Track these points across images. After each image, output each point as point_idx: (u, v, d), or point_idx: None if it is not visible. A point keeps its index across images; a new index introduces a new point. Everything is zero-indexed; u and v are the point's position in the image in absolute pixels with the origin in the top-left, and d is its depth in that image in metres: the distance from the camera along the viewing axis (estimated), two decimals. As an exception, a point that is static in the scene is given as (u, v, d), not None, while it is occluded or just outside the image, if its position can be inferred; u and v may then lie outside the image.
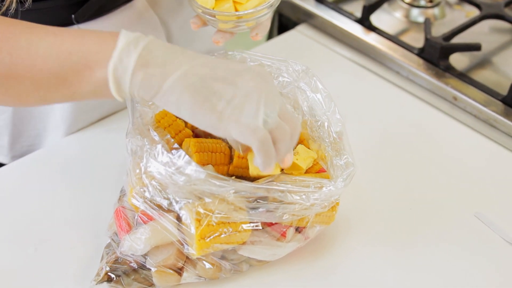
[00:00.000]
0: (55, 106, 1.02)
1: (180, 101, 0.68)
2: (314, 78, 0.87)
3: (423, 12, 1.35)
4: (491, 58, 1.24)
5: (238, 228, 0.77)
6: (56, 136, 1.05)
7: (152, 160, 0.75)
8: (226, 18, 0.84)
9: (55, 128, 1.04)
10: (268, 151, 0.69)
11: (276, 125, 0.70)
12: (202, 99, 0.68)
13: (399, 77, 1.21)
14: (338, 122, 0.84)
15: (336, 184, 0.79)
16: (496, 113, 1.09)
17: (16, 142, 1.05)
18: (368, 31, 1.27)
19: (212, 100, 0.68)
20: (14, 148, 1.05)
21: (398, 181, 1.00)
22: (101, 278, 0.80)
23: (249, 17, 0.84)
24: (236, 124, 0.68)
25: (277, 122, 0.70)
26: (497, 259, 0.89)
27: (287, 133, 0.71)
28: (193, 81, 0.68)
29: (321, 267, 0.86)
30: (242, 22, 0.85)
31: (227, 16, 0.84)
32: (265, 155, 0.70)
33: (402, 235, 0.91)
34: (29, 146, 1.06)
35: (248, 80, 0.69)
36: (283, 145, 0.71)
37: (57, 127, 1.04)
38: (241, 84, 0.69)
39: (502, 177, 1.02)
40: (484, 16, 1.28)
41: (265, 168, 0.71)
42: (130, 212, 0.82)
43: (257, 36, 0.87)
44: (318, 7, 1.33)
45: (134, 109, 0.82)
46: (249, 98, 0.69)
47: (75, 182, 0.97)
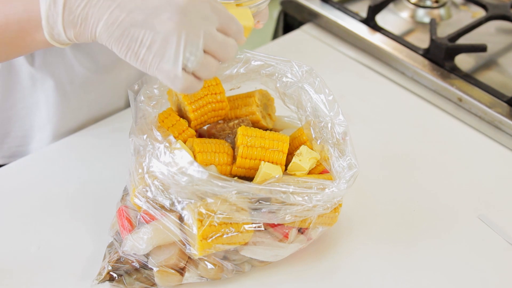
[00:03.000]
0: (40, 107, 1.02)
1: (110, 47, 0.71)
2: (318, 79, 0.86)
3: (428, 13, 1.34)
4: (496, 59, 1.24)
5: (240, 228, 0.77)
6: (43, 136, 1.05)
7: (155, 160, 0.75)
8: (226, 7, 0.84)
9: (41, 128, 1.04)
10: (193, 91, 0.71)
11: (199, 65, 0.69)
12: (125, 48, 0.69)
13: (404, 78, 1.21)
14: (342, 123, 0.84)
15: (339, 186, 0.78)
16: (501, 115, 1.08)
17: (3, 142, 1.05)
18: (374, 31, 1.27)
19: (134, 48, 0.69)
20: (2, 148, 1.06)
21: (402, 183, 1.00)
22: (103, 277, 0.80)
23: (248, 4, 0.84)
24: (158, 72, 0.69)
25: (199, 62, 0.69)
26: (501, 261, 0.89)
27: (212, 68, 0.70)
28: (113, 31, 0.69)
29: (324, 268, 0.86)
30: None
31: (228, 3, 0.84)
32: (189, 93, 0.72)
33: (405, 236, 0.91)
34: (17, 146, 1.06)
35: (166, 21, 0.67)
36: (210, 78, 0.72)
37: (43, 127, 1.04)
38: (159, 26, 0.67)
39: (507, 179, 1.02)
40: (490, 17, 1.27)
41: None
42: (132, 212, 0.82)
43: (259, 24, 0.87)
44: (323, 7, 1.33)
45: (137, 108, 0.82)
46: (167, 42, 0.67)
47: (78, 181, 0.97)
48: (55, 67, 0.99)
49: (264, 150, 0.82)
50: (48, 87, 1.00)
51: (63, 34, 0.71)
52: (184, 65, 0.68)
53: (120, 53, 0.70)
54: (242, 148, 0.82)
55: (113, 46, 0.70)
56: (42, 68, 0.98)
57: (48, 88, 1.00)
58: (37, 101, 1.01)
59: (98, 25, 0.69)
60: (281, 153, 0.83)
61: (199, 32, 0.68)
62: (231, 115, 0.92)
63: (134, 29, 0.68)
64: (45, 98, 1.01)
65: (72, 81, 1.01)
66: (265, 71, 0.89)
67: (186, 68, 0.69)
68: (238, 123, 0.89)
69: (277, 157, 0.82)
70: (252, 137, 0.83)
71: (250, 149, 0.82)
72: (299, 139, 0.87)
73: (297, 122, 0.92)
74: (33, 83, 1.00)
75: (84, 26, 0.70)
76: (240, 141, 0.82)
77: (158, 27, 0.68)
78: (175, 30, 0.67)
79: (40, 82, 0.99)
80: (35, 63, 0.97)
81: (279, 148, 0.83)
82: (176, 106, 0.90)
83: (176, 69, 0.68)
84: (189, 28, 0.68)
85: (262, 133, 0.84)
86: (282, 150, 0.83)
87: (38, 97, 1.01)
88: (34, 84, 1.00)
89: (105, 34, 0.69)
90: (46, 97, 1.01)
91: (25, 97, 1.01)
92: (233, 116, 0.92)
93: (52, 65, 0.98)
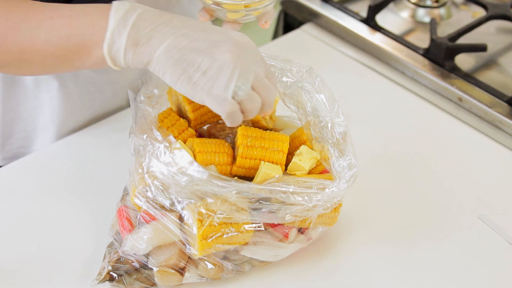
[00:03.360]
0: (44, 108, 1.02)
1: (163, 72, 0.74)
2: (318, 79, 0.86)
3: (429, 12, 1.34)
4: (497, 59, 1.24)
5: (240, 228, 0.77)
6: (46, 138, 1.05)
7: (155, 160, 0.75)
8: (235, 7, 0.85)
9: (44, 129, 1.04)
10: (234, 120, 0.75)
11: (247, 96, 0.73)
12: (180, 70, 0.73)
13: (404, 78, 1.21)
14: (342, 123, 0.84)
15: (339, 186, 0.78)
16: (501, 115, 1.08)
17: (5, 143, 1.05)
18: (374, 31, 1.27)
19: (189, 72, 0.73)
20: (4, 149, 1.06)
21: (402, 183, 1.00)
22: (103, 277, 0.80)
23: (257, 5, 0.85)
24: (207, 95, 0.73)
25: (248, 94, 0.73)
26: (501, 261, 0.89)
27: (257, 104, 0.75)
28: (173, 54, 0.73)
29: (324, 268, 0.86)
30: (250, 11, 0.86)
31: (236, 5, 0.85)
32: (231, 123, 0.75)
33: (405, 236, 0.91)
34: (19, 148, 1.06)
35: (225, 52, 0.72)
36: (251, 115, 0.76)
37: (46, 128, 1.04)
38: (218, 55, 0.72)
39: (507, 179, 1.02)
40: (491, 16, 1.27)
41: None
42: (132, 212, 0.82)
43: (266, 24, 0.90)
44: (323, 7, 1.33)
45: (137, 108, 0.82)
46: (223, 70, 0.72)
47: (78, 181, 0.97)
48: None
49: (264, 150, 0.82)
50: (52, 87, 1.00)
51: (122, 50, 0.74)
52: (234, 93, 0.72)
53: (173, 76, 0.73)
54: (242, 148, 0.82)
55: (168, 69, 0.73)
56: None
57: (52, 89, 1.00)
58: (41, 102, 1.02)
59: (161, 46, 0.73)
60: (281, 153, 0.82)
61: (251, 69, 0.74)
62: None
63: (194, 54, 0.73)
64: (49, 99, 1.01)
65: (76, 82, 1.02)
66: (265, 71, 0.89)
67: (235, 97, 0.73)
68: (238, 123, 0.89)
69: (277, 157, 0.82)
70: (252, 137, 0.83)
71: (250, 149, 0.82)
72: (299, 139, 0.87)
73: (297, 122, 0.92)
74: (37, 84, 1.00)
75: (146, 46, 0.74)
76: (240, 141, 0.82)
77: (216, 56, 0.72)
78: (232, 61, 0.72)
79: (44, 83, 1.00)
80: None
81: (279, 148, 0.82)
82: (176, 106, 0.90)
83: (227, 93, 0.72)
84: (243, 63, 0.73)
85: (262, 133, 0.84)
86: (282, 150, 0.83)
87: (42, 98, 1.01)
88: (38, 85, 1.00)
89: (164, 56, 0.73)
90: (50, 98, 1.01)
91: (28, 98, 1.01)
92: (233, 116, 0.91)
93: None
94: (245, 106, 0.74)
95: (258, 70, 0.75)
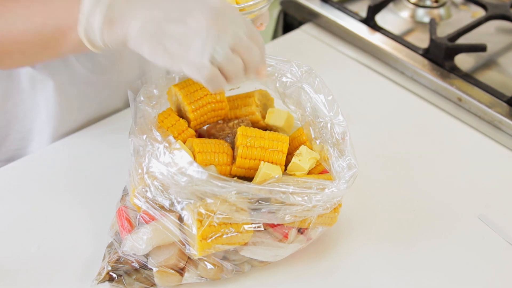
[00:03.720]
0: (40, 108, 1.02)
1: (141, 47, 0.73)
2: (317, 79, 0.86)
3: (428, 12, 1.34)
4: (496, 59, 1.24)
5: (240, 229, 0.77)
6: (42, 139, 1.04)
7: (154, 160, 0.75)
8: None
9: (40, 130, 1.04)
10: (216, 85, 0.73)
11: (225, 59, 0.72)
12: (156, 43, 0.72)
13: (403, 78, 1.21)
14: (341, 123, 0.84)
15: (338, 186, 0.78)
16: (501, 115, 1.08)
17: (1, 145, 1.05)
18: (373, 31, 1.27)
19: (165, 43, 0.72)
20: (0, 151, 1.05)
21: (401, 183, 1.00)
22: (102, 278, 0.80)
23: (251, 9, 0.85)
24: (185, 64, 0.72)
25: (227, 57, 0.72)
26: (501, 261, 0.89)
27: (238, 66, 0.73)
28: (149, 28, 0.72)
29: (323, 268, 0.86)
30: (245, 14, 0.86)
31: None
32: (213, 88, 0.74)
33: (405, 236, 0.91)
34: (15, 150, 1.06)
35: (200, 18, 0.71)
36: (235, 77, 0.74)
37: (42, 129, 1.04)
38: (191, 22, 0.71)
39: (507, 179, 1.02)
40: (490, 16, 1.27)
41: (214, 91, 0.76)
42: (132, 212, 0.82)
43: (262, 26, 0.90)
44: (323, 7, 1.33)
45: (137, 109, 0.82)
46: (198, 36, 0.71)
47: (78, 182, 0.97)
48: (55, 68, 0.98)
49: (263, 150, 0.82)
50: (49, 88, 1.00)
51: (98, 32, 0.74)
52: (211, 57, 0.71)
53: (150, 49, 0.73)
54: (241, 148, 0.82)
55: (145, 43, 0.73)
56: (43, 70, 0.98)
57: (49, 89, 1.00)
58: (37, 102, 1.01)
59: (135, 22, 0.73)
60: (280, 153, 0.83)
61: (228, 31, 0.72)
62: (231, 115, 0.92)
63: (168, 25, 0.72)
64: (45, 100, 1.01)
65: (73, 82, 1.01)
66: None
67: (213, 61, 0.71)
68: (238, 123, 0.89)
69: (276, 157, 0.82)
70: (252, 137, 0.83)
71: (250, 149, 0.82)
72: (298, 139, 0.87)
73: (296, 122, 0.92)
74: (33, 85, 0.99)
75: (121, 23, 0.73)
76: (240, 141, 0.83)
77: (190, 23, 0.71)
78: (206, 25, 0.71)
79: (40, 83, 0.99)
80: (36, 65, 0.97)
81: (278, 148, 0.83)
82: (176, 106, 0.90)
83: (203, 58, 0.71)
84: (219, 26, 0.71)
85: (261, 133, 0.84)
86: (281, 150, 0.83)
87: (38, 98, 1.01)
88: (34, 85, 0.99)
89: (141, 31, 0.72)
90: (46, 98, 1.00)
91: (25, 99, 1.01)
92: (233, 116, 0.92)
93: (53, 66, 0.98)
94: (225, 69, 0.73)
95: (237, 30, 0.73)
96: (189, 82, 0.87)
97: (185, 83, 0.88)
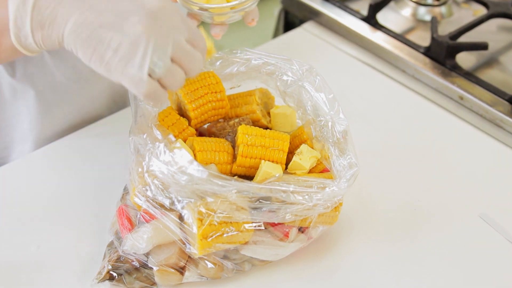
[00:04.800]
0: (21, 118, 1.00)
1: (76, 51, 0.69)
2: (318, 77, 0.86)
3: (430, 11, 1.34)
4: (498, 58, 1.23)
5: (240, 228, 0.77)
6: (24, 148, 1.03)
7: (155, 159, 0.75)
8: (221, 10, 0.86)
9: (22, 140, 1.02)
10: (156, 100, 0.70)
11: (166, 71, 0.68)
12: (91, 50, 0.68)
13: (405, 76, 1.20)
14: (342, 122, 0.84)
15: (339, 185, 0.78)
16: (503, 113, 1.08)
17: None
18: (375, 30, 1.27)
19: (100, 50, 0.67)
20: None
21: (402, 181, 0.99)
22: (103, 277, 0.80)
23: (242, 5, 0.86)
24: (122, 76, 0.67)
25: (167, 68, 0.68)
26: (502, 260, 0.89)
27: (178, 77, 0.70)
28: (81, 31, 0.67)
29: (324, 267, 0.86)
30: (236, 12, 0.86)
31: (222, 8, 0.85)
32: (154, 103, 0.72)
33: (406, 235, 0.91)
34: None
35: (136, 24, 0.66)
36: (175, 87, 0.70)
37: (24, 138, 1.02)
38: (128, 29, 0.66)
39: (508, 178, 1.01)
40: (492, 15, 1.27)
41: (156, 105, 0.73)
42: (132, 211, 0.82)
43: (253, 22, 0.88)
44: (324, 5, 1.33)
45: (137, 107, 0.82)
46: (135, 46, 0.66)
47: (78, 181, 0.97)
48: (36, 78, 0.97)
49: (264, 149, 0.82)
50: (29, 97, 0.98)
51: (30, 37, 0.70)
52: (150, 71, 0.67)
53: (85, 56, 0.69)
54: (242, 147, 0.82)
55: (79, 48, 0.68)
56: (23, 79, 0.96)
57: (29, 99, 0.98)
58: (18, 112, 1.00)
59: (67, 25, 0.68)
60: (281, 152, 0.83)
61: (168, 39, 0.68)
62: (232, 114, 0.92)
63: (102, 30, 0.67)
64: (26, 109, 0.99)
65: (54, 91, 1.00)
66: (266, 70, 0.89)
67: (153, 74, 0.68)
68: (239, 121, 0.89)
69: (277, 156, 0.82)
70: (253, 135, 0.83)
71: (251, 148, 0.82)
72: (299, 137, 0.87)
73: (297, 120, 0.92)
74: (14, 94, 0.98)
75: (52, 27, 0.69)
76: (241, 139, 0.82)
77: (126, 30, 0.66)
78: (144, 34, 0.66)
79: (21, 93, 0.98)
80: (16, 75, 0.96)
81: (279, 147, 0.83)
82: (176, 105, 0.90)
83: (142, 73, 0.67)
84: (159, 34, 0.67)
85: (262, 131, 0.84)
86: (282, 149, 0.83)
87: (19, 108, 0.99)
88: (15, 95, 0.98)
89: (73, 35, 0.68)
90: (27, 107, 0.99)
91: (6, 109, 0.99)
92: (234, 115, 0.92)
93: (33, 76, 0.97)
94: (165, 81, 0.69)
95: (177, 37, 0.69)
96: (190, 81, 0.87)
97: (186, 81, 0.88)
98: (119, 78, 0.68)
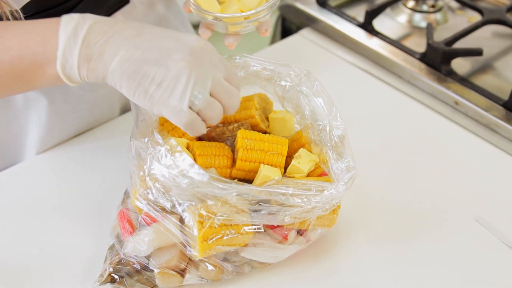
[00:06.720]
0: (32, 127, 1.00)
1: (120, 86, 0.73)
2: (316, 83, 0.87)
3: (425, 17, 1.35)
4: (492, 63, 1.25)
5: (240, 230, 0.77)
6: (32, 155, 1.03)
7: (156, 162, 0.76)
8: (235, 20, 0.86)
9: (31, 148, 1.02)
10: (195, 130, 0.74)
11: (205, 105, 0.72)
12: (136, 84, 0.72)
13: (401, 82, 1.21)
14: (340, 126, 0.85)
15: (337, 188, 0.79)
16: (497, 118, 1.09)
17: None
18: (371, 36, 1.28)
19: (144, 85, 0.71)
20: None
21: (399, 185, 1.00)
22: (104, 279, 0.81)
23: (256, 16, 0.87)
24: (164, 107, 0.72)
25: (206, 102, 0.72)
26: (497, 262, 0.89)
27: (217, 110, 0.74)
28: (127, 67, 0.71)
29: (323, 270, 0.87)
30: (250, 22, 0.87)
31: (236, 18, 0.86)
32: (192, 133, 0.74)
33: (403, 238, 0.92)
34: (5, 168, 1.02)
35: (179, 60, 0.71)
36: (214, 121, 0.75)
37: (33, 146, 1.02)
38: (171, 65, 0.71)
39: (503, 181, 1.02)
40: (486, 21, 1.28)
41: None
42: (133, 214, 0.82)
43: (266, 32, 0.91)
44: (321, 12, 1.34)
45: (138, 112, 0.82)
46: (177, 80, 0.71)
47: (80, 184, 0.98)
48: (50, 88, 0.98)
49: (263, 153, 0.83)
50: (42, 106, 0.99)
51: (75, 68, 0.73)
52: (191, 103, 0.71)
53: (130, 90, 0.72)
54: (241, 151, 0.83)
55: (124, 82, 0.72)
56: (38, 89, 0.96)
57: (42, 108, 0.99)
58: (29, 120, 1.00)
59: (113, 60, 0.71)
60: (280, 155, 0.83)
61: (208, 75, 0.72)
62: (231, 119, 0.92)
63: (147, 66, 0.71)
64: (37, 118, 1.00)
65: (67, 101, 1.01)
66: (264, 75, 0.89)
67: (193, 106, 0.72)
68: (238, 126, 0.89)
69: (276, 160, 0.83)
70: (252, 140, 0.83)
71: (250, 152, 0.83)
72: (298, 142, 0.88)
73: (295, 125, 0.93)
74: (27, 103, 0.98)
75: (99, 61, 0.72)
76: (240, 144, 0.83)
77: (170, 66, 0.71)
78: (186, 69, 0.71)
79: (33, 102, 0.98)
80: None
81: (278, 151, 0.83)
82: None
83: (183, 104, 0.71)
84: (199, 70, 0.71)
85: (261, 136, 0.84)
86: (281, 153, 0.83)
87: (31, 116, 1.00)
88: (27, 104, 0.98)
89: (119, 70, 0.71)
90: (39, 116, 1.00)
91: (17, 118, 0.99)
92: (233, 120, 0.92)
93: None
94: (204, 114, 0.73)
95: (216, 74, 0.73)
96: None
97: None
98: (161, 109, 0.72)
